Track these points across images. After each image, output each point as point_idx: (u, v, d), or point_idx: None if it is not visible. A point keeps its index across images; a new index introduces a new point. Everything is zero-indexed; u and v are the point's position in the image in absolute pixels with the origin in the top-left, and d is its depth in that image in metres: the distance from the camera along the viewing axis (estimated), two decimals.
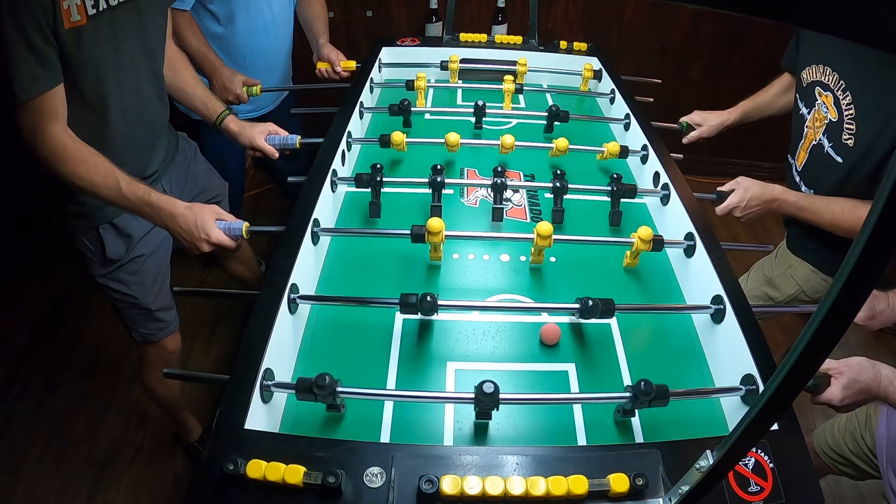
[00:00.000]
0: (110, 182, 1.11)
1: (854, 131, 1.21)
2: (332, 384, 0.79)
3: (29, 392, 2.03)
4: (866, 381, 0.90)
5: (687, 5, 0.34)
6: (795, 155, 1.41)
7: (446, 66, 1.72)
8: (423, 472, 0.69)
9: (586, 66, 1.72)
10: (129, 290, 1.37)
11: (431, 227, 1.06)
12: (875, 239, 0.36)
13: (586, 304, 0.96)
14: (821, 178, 1.32)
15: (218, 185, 1.62)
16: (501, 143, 1.37)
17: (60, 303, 2.34)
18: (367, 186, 1.24)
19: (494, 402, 0.79)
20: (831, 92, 1.26)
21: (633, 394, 0.82)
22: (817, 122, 1.31)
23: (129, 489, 1.78)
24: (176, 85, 1.41)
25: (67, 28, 1.02)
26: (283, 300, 0.93)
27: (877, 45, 0.29)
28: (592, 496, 0.69)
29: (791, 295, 1.51)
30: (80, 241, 1.31)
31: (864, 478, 1.37)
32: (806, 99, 1.36)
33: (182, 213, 1.13)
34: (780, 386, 0.47)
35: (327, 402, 0.82)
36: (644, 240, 1.10)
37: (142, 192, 1.12)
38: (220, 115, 1.43)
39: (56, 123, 1.07)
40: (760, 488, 0.73)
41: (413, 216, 1.27)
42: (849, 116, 1.22)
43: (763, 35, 2.56)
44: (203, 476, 0.71)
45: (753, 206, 1.26)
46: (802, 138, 1.37)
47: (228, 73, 1.66)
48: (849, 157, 1.24)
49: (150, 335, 1.46)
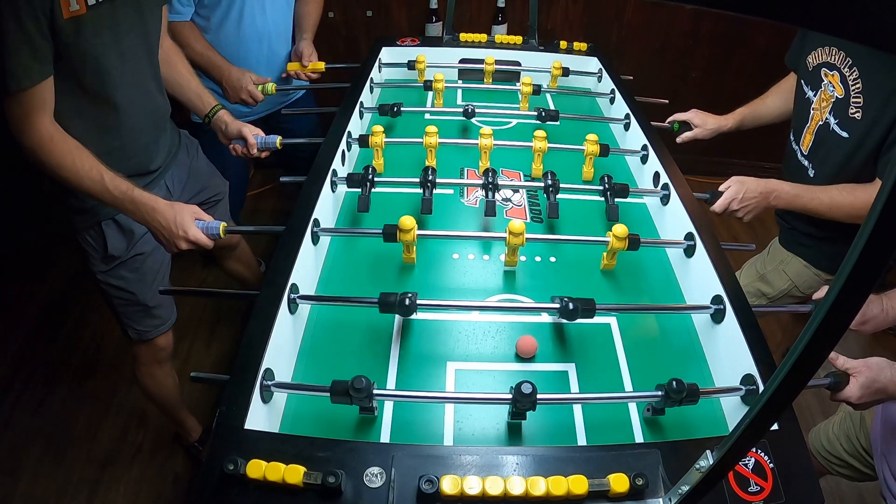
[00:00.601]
0: (94, 175, 1.12)
1: (861, 104, 1.22)
2: (368, 386, 0.78)
3: (29, 392, 2.03)
4: (884, 381, 0.93)
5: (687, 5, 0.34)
6: (800, 139, 1.41)
7: (413, 65, 1.72)
8: (423, 472, 0.69)
9: (555, 64, 1.72)
10: (129, 286, 1.38)
11: (403, 225, 1.06)
12: (875, 238, 0.36)
13: (566, 307, 0.95)
14: (827, 158, 1.33)
15: (219, 184, 1.62)
16: (479, 143, 1.36)
17: (60, 303, 2.35)
18: (359, 187, 1.24)
19: (532, 403, 0.79)
20: (837, 70, 1.27)
21: (665, 392, 0.82)
22: (824, 102, 1.32)
23: (129, 489, 1.78)
24: (171, 77, 1.41)
25: (66, 17, 1.02)
26: (283, 300, 0.93)
27: (877, 45, 0.29)
28: (592, 496, 0.69)
29: (783, 290, 1.52)
30: (82, 236, 1.32)
31: (861, 479, 1.37)
32: (812, 82, 1.37)
33: (162, 209, 1.14)
34: (780, 386, 0.47)
35: (363, 405, 0.82)
36: (619, 237, 1.08)
37: (125, 188, 1.14)
38: (213, 109, 1.44)
39: (44, 115, 1.08)
40: (760, 488, 0.73)
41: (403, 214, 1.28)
42: (856, 90, 1.23)
43: (763, 35, 2.56)
44: (203, 476, 0.71)
45: (750, 199, 1.26)
46: (808, 121, 1.38)
47: (237, 73, 1.66)
48: (855, 131, 1.24)
49: (146, 332, 1.47)
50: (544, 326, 1.05)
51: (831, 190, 1.27)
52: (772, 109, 1.59)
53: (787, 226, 1.51)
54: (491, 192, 1.23)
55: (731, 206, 1.27)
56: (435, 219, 1.27)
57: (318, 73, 1.81)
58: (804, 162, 1.41)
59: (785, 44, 1.52)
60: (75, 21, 1.04)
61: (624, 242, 1.09)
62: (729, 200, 1.27)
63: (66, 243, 2.47)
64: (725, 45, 2.66)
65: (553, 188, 1.24)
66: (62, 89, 1.10)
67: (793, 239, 1.49)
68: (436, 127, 1.36)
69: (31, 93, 1.04)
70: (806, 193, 1.28)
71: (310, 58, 1.78)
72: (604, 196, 1.27)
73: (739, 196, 1.26)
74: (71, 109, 1.14)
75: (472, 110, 1.52)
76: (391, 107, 1.51)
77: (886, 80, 1.17)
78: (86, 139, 1.16)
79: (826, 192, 1.27)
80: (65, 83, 1.10)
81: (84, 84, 1.12)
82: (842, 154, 1.28)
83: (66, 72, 1.09)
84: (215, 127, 1.45)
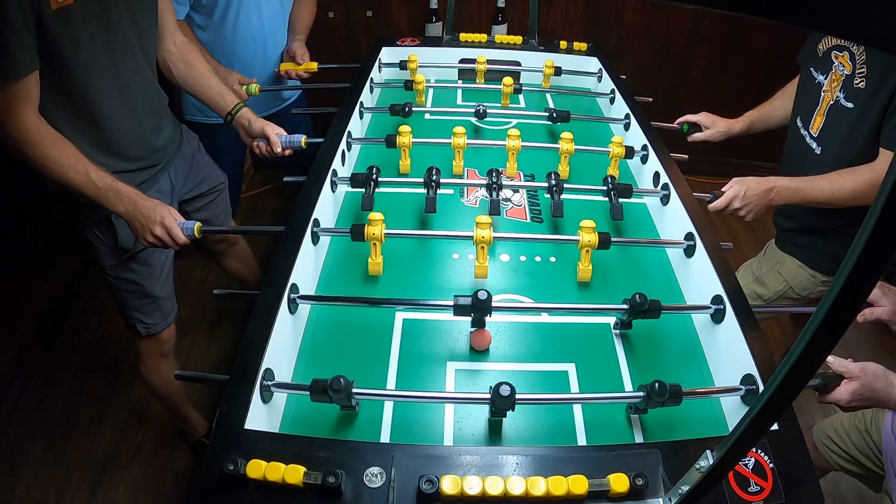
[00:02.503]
0: (79, 167, 1.13)
1: (865, 74, 1.24)
2: (347, 386, 0.79)
3: (29, 391, 2.03)
4: (878, 390, 0.90)
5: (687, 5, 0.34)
6: (810, 123, 1.41)
7: (405, 65, 1.72)
8: (423, 472, 0.69)
9: (547, 63, 1.72)
10: (139, 278, 1.39)
11: (372, 218, 1.06)
12: (875, 238, 0.36)
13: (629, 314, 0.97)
14: (835, 134, 1.34)
15: (220, 176, 1.63)
16: (507, 145, 1.36)
17: (61, 301, 2.35)
18: (363, 187, 1.24)
19: (510, 405, 0.79)
20: (847, 50, 1.30)
21: (647, 393, 0.82)
22: (834, 82, 1.34)
23: (129, 489, 1.78)
24: (190, 76, 1.41)
25: (54, 9, 1.02)
26: (283, 300, 0.93)
27: (877, 45, 0.29)
28: (592, 496, 0.69)
29: (779, 291, 1.52)
30: (91, 231, 1.33)
31: (866, 475, 1.34)
32: (822, 67, 1.38)
33: (143, 199, 1.16)
34: (780, 386, 0.47)
35: (342, 404, 0.82)
36: (587, 229, 1.07)
37: (109, 180, 1.15)
38: (236, 107, 1.43)
39: (29, 107, 1.08)
40: (760, 488, 0.73)
41: (411, 214, 1.28)
42: (861, 62, 1.25)
43: (763, 35, 2.56)
44: (203, 476, 0.71)
45: (752, 197, 1.27)
46: (819, 103, 1.39)
47: (223, 72, 1.67)
48: (859, 101, 1.26)
49: (154, 325, 1.48)
50: (545, 326, 1.04)
51: (831, 176, 1.27)
52: (780, 112, 1.59)
53: (785, 227, 1.52)
54: (495, 191, 1.23)
55: (732, 205, 1.28)
56: (435, 219, 1.27)
57: (310, 73, 1.81)
58: (812, 144, 1.41)
59: (785, 44, 1.53)
60: (64, 12, 1.04)
61: (594, 237, 1.07)
62: (730, 199, 1.27)
63: (65, 243, 2.49)
64: (725, 45, 2.66)
65: (557, 188, 1.24)
66: (53, 81, 1.10)
67: (788, 240, 1.50)
68: (464, 128, 1.36)
69: (17, 85, 1.04)
70: (806, 184, 1.28)
71: (302, 58, 1.78)
72: (608, 196, 1.27)
73: (741, 194, 1.26)
74: (63, 102, 1.14)
75: (483, 111, 1.52)
76: (402, 107, 1.50)
77: None
78: (79, 132, 1.16)
79: (826, 178, 1.27)
80: (55, 74, 1.10)
81: (75, 76, 1.12)
82: (847, 125, 1.29)
83: (55, 63, 1.08)
84: (237, 125, 1.44)
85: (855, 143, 1.28)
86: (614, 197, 1.25)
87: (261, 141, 1.42)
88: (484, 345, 0.99)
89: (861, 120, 1.26)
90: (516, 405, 0.79)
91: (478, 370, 0.97)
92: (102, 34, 1.14)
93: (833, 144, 1.34)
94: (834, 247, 1.41)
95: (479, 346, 0.99)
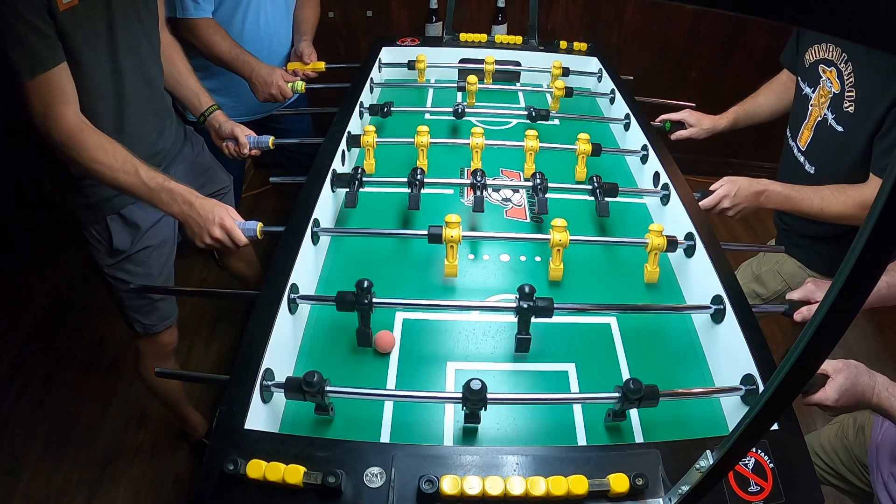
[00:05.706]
0: (129, 168, 1.10)
1: (854, 97, 1.23)
2: (320, 382, 0.79)
3: (29, 391, 2.03)
4: (862, 387, 0.89)
5: (687, 5, 0.34)
6: (798, 135, 1.42)
7: (413, 65, 1.72)
8: (423, 472, 0.69)
9: (555, 64, 1.71)
10: (135, 280, 1.39)
11: (448, 221, 1.04)
12: (875, 238, 0.36)
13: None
14: (824, 153, 1.34)
15: (224, 178, 1.63)
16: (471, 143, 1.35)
17: (61, 302, 2.35)
18: (347, 186, 1.24)
19: (482, 401, 0.78)
20: (834, 66, 1.29)
21: (623, 393, 0.81)
22: (822, 98, 1.33)
23: (129, 489, 1.78)
24: (170, 74, 1.41)
25: (62, 10, 1.03)
26: (283, 300, 0.93)
27: (877, 45, 0.29)
28: (592, 496, 0.69)
29: (777, 291, 1.52)
30: (89, 231, 1.33)
31: (853, 493, 1.33)
32: (809, 79, 1.38)
33: (199, 198, 1.13)
34: (779, 386, 0.47)
35: (316, 402, 0.82)
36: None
37: (161, 179, 1.13)
38: (209, 108, 1.44)
39: (67, 107, 1.06)
40: (760, 488, 0.73)
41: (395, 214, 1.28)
42: (849, 84, 1.24)
43: (763, 35, 2.56)
44: (203, 476, 0.71)
45: (742, 197, 1.26)
46: (806, 117, 1.38)
47: (267, 69, 1.67)
48: (848, 125, 1.25)
49: (152, 326, 1.47)
50: (545, 326, 1.04)
51: (823, 190, 1.26)
52: (765, 107, 1.59)
53: (785, 227, 1.51)
54: (479, 190, 1.23)
55: (721, 205, 1.27)
56: (434, 218, 1.26)
57: (318, 73, 1.81)
58: (800, 158, 1.41)
59: (784, 44, 1.52)
60: (71, 12, 1.04)
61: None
62: (719, 198, 1.26)
63: (65, 243, 2.49)
64: (725, 45, 2.66)
65: (542, 187, 1.24)
66: None
67: (789, 240, 1.50)
68: (427, 127, 1.35)
69: (46, 81, 1.03)
70: (797, 194, 1.27)
71: (310, 57, 1.79)
72: (593, 195, 1.27)
73: (731, 194, 1.26)
74: None
75: (461, 110, 1.52)
76: (381, 107, 1.51)
77: (875, 75, 1.19)
78: None
79: (817, 192, 1.26)
80: None
81: (79, 76, 1.11)
82: (837, 148, 1.29)
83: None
84: (209, 126, 1.45)
85: (845, 166, 1.28)
86: (600, 195, 1.26)
87: (229, 142, 1.43)
88: (387, 348, 0.98)
89: (852, 144, 1.25)
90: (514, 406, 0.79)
91: (478, 370, 0.97)
92: (107, 35, 1.14)
93: (824, 166, 1.34)
94: (834, 248, 1.41)
95: (384, 349, 0.98)
